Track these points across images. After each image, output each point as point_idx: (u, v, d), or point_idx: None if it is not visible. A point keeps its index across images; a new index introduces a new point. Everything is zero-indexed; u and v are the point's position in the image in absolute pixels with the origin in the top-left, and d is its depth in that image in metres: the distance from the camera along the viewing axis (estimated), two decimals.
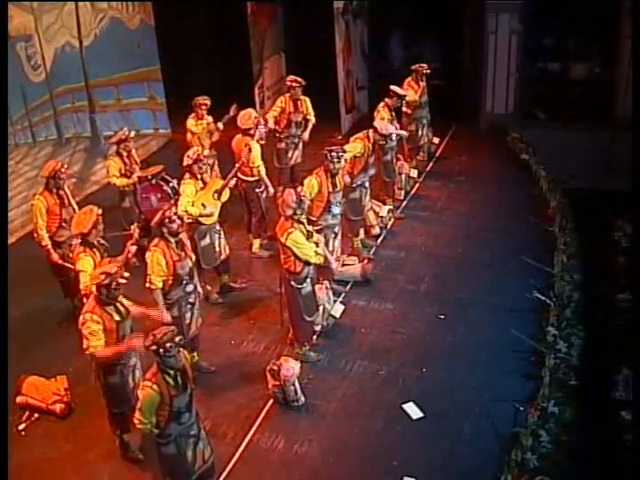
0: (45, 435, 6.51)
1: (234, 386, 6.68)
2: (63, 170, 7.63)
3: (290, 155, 9.80)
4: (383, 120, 9.16)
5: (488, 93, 12.95)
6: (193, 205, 7.58)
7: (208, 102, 9.56)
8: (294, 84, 9.63)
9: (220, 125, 9.49)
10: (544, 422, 6.22)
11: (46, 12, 10.46)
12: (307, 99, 9.79)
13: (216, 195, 7.77)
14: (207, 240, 7.74)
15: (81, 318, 5.67)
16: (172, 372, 5.06)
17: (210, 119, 9.55)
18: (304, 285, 6.90)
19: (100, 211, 6.62)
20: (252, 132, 8.63)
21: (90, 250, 6.47)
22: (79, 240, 6.57)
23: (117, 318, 5.71)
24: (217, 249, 7.87)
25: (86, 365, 6.56)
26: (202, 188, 7.73)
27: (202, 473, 5.43)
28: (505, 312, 7.71)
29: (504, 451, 5.97)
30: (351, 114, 12.93)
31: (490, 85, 12.88)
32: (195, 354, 6.82)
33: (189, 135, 9.62)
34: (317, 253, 6.79)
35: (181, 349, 5.15)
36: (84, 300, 6.11)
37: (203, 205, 7.65)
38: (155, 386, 5.00)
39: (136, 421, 5.11)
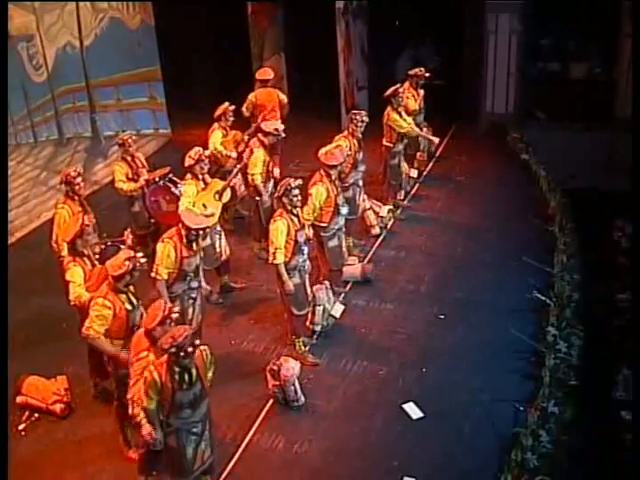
0: (45, 435, 6.52)
1: (234, 386, 6.68)
2: (74, 174, 7.48)
3: None
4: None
5: (488, 93, 12.94)
6: (194, 206, 7.59)
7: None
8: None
9: (245, 137, 9.22)
10: (544, 422, 6.23)
11: (47, 12, 10.48)
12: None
13: (217, 196, 7.78)
14: (208, 241, 7.74)
15: (92, 302, 5.72)
16: (177, 369, 5.05)
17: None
18: (291, 276, 6.95)
19: (89, 221, 6.51)
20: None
21: (80, 259, 6.37)
22: (67, 249, 6.50)
23: (128, 307, 5.75)
24: (218, 250, 7.88)
25: (86, 365, 6.58)
26: (203, 189, 7.74)
27: (200, 473, 5.44)
28: (505, 312, 7.71)
29: (504, 451, 5.98)
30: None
31: (490, 85, 12.87)
32: None
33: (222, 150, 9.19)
34: (274, 253, 6.83)
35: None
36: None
37: (204, 206, 7.65)
38: (155, 373, 5.01)
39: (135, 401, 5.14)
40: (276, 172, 8.87)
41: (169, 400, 5.07)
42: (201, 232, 6.61)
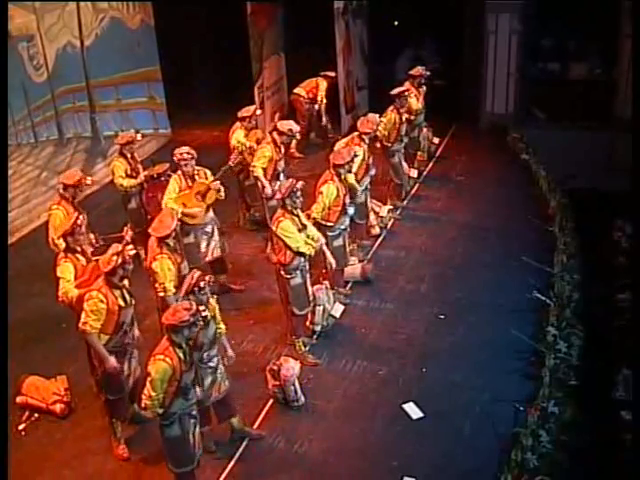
0: (45, 435, 6.52)
1: (234, 386, 6.65)
2: (89, 183, 7.73)
3: None
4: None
5: (488, 93, 12.95)
6: (175, 202, 7.57)
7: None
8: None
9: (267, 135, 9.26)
10: (544, 422, 6.23)
11: (48, 12, 10.47)
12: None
13: (199, 197, 7.70)
14: (190, 239, 7.69)
15: (87, 295, 5.74)
16: (184, 346, 5.18)
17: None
18: (293, 276, 6.96)
19: (82, 217, 6.55)
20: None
21: (73, 256, 6.39)
22: (63, 245, 6.50)
23: (121, 303, 5.77)
24: (202, 250, 7.81)
25: (86, 365, 6.58)
26: (188, 187, 7.68)
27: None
28: (505, 312, 7.71)
29: (504, 451, 5.98)
30: (351, 114, 12.92)
31: (490, 85, 12.88)
32: None
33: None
34: (307, 243, 6.85)
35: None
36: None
37: (183, 204, 7.60)
38: (168, 359, 5.10)
39: (145, 396, 5.16)
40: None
41: (177, 384, 5.16)
42: (173, 233, 6.55)
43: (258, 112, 9.57)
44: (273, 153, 8.57)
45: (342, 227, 7.74)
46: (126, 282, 5.89)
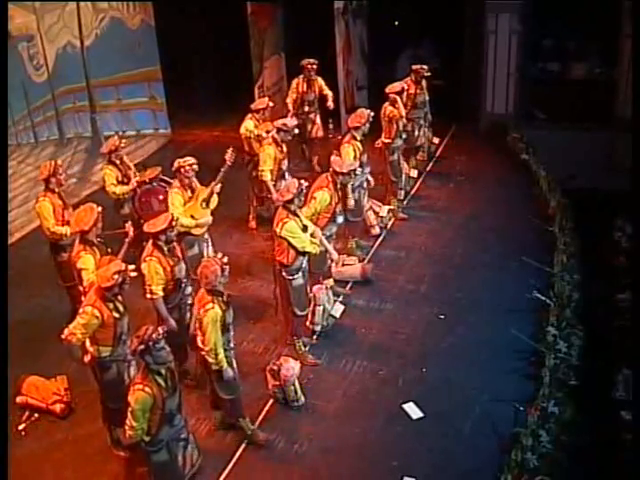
0: (45, 435, 6.52)
1: None
2: (60, 164, 7.60)
3: None
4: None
5: (488, 93, 12.93)
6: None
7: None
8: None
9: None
10: (544, 422, 6.23)
11: (48, 12, 10.48)
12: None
13: (204, 204, 7.65)
14: (195, 250, 7.59)
15: (82, 309, 5.73)
16: (163, 372, 5.12)
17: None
18: (295, 277, 6.95)
19: (100, 209, 6.64)
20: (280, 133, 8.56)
21: (90, 248, 6.47)
22: (79, 238, 6.56)
23: (116, 315, 5.76)
24: (205, 258, 7.76)
25: (86, 365, 6.58)
26: (190, 198, 7.59)
27: (190, 477, 5.50)
28: (505, 312, 7.72)
29: (504, 451, 5.98)
30: (351, 114, 12.91)
31: (490, 85, 12.87)
32: None
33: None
34: (312, 242, 6.86)
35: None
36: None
37: (192, 217, 7.52)
38: (147, 388, 5.04)
39: (127, 427, 5.10)
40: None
41: (160, 412, 5.11)
42: (172, 232, 6.50)
43: (271, 104, 9.53)
44: (276, 152, 8.55)
45: (328, 234, 7.60)
46: (119, 295, 5.85)
